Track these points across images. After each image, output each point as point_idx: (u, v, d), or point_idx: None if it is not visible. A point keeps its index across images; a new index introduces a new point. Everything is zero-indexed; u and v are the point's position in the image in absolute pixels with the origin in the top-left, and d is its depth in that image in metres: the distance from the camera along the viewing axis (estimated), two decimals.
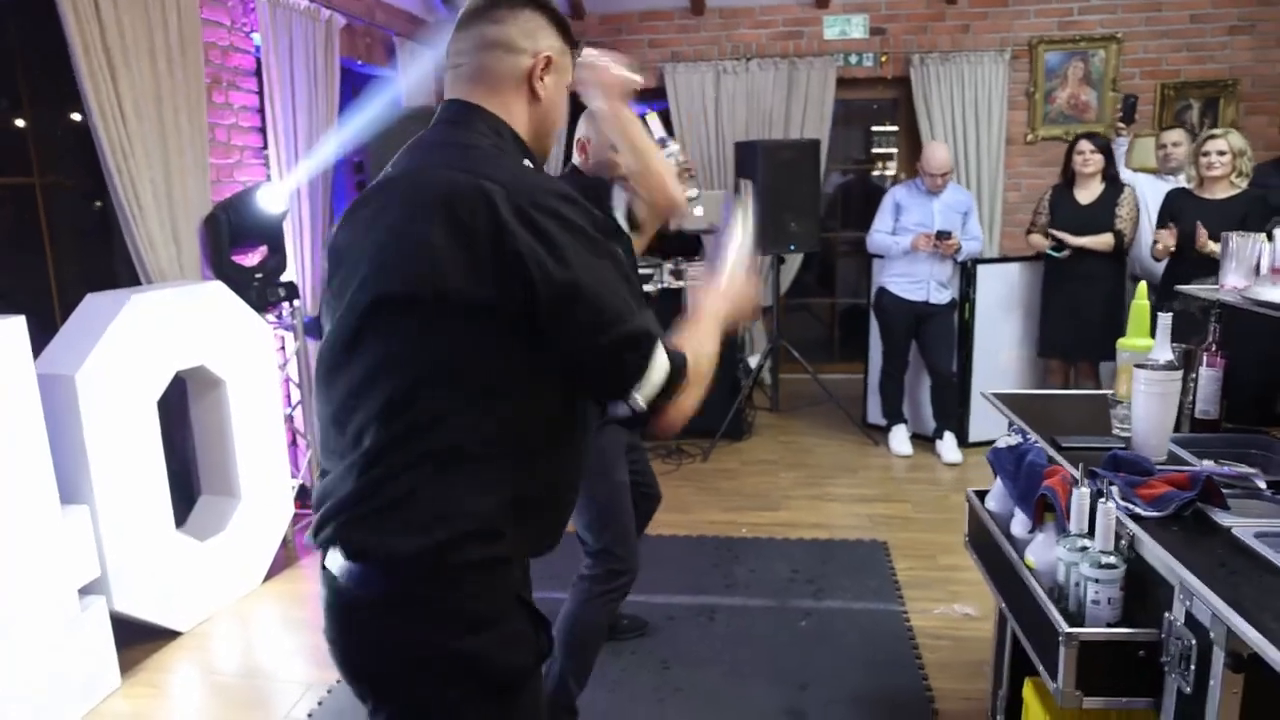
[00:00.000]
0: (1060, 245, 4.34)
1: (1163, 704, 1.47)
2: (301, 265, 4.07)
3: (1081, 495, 1.62)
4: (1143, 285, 2.38)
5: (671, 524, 3.81)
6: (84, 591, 2.62)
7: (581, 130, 2.34)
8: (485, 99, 1.28)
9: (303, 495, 3.82)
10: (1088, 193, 4.36)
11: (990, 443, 4.98)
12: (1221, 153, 3.75)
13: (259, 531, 3.36)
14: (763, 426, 5.23)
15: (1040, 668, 1.62)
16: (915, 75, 5.55)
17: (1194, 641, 1.37)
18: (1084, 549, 1.60)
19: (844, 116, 5.99)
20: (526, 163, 1.28)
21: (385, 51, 5.14)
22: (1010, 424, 2.15)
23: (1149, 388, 1.88)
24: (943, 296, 4.54)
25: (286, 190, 3.74)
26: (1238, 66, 5.41)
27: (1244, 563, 1.44)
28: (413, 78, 5.24)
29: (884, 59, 5.64)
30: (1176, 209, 3.90)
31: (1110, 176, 4.35)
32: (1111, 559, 1.55)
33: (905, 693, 2.60)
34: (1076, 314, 4.32)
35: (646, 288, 4.72)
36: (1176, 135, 4.39)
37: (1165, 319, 2.15)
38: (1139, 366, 1.90)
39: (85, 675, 2.61)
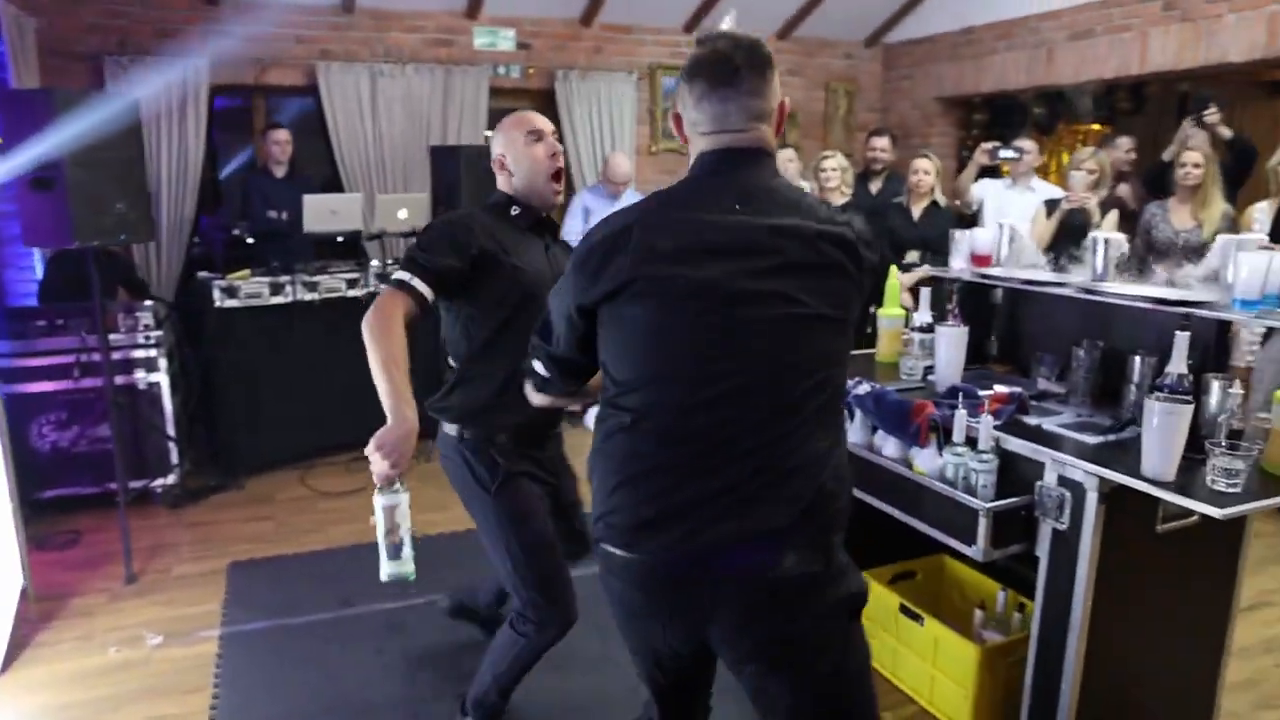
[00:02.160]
0: None
1: (1038, 543, 2.19)
2: None
3: (961, 415, 2.28)
4: (894, 268, 3.20)
5: (450, 522, 3.89)
6: None
7: (498, 146, 2.21)
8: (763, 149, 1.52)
9: None
10: None
11: None
12: (834, 169, 4.91)
13: None
14: None
15: (953, 541, 2.25)
16: (559, 89, 6.10)
17: (1068, 493, 2.09)
18: (963, 452, 2.26)
19: None
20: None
21: None
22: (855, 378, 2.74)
23: (948, 340, 2.64)
24: None
25: None
26: (795, 101, 6.91)
27: (1068, 443, 2.20)
28: (20, 53, 4.37)
29: (531, 71, 6.09)
30: None
31: None
32: (989, 455, 2.23)
33: None
34: None
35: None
36: (789, 153, 5.55)
37: (926, 292, 2.96)
38: (941, 325, 2.65)
39: None
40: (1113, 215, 4.57)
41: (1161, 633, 2.27)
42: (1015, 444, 2.22)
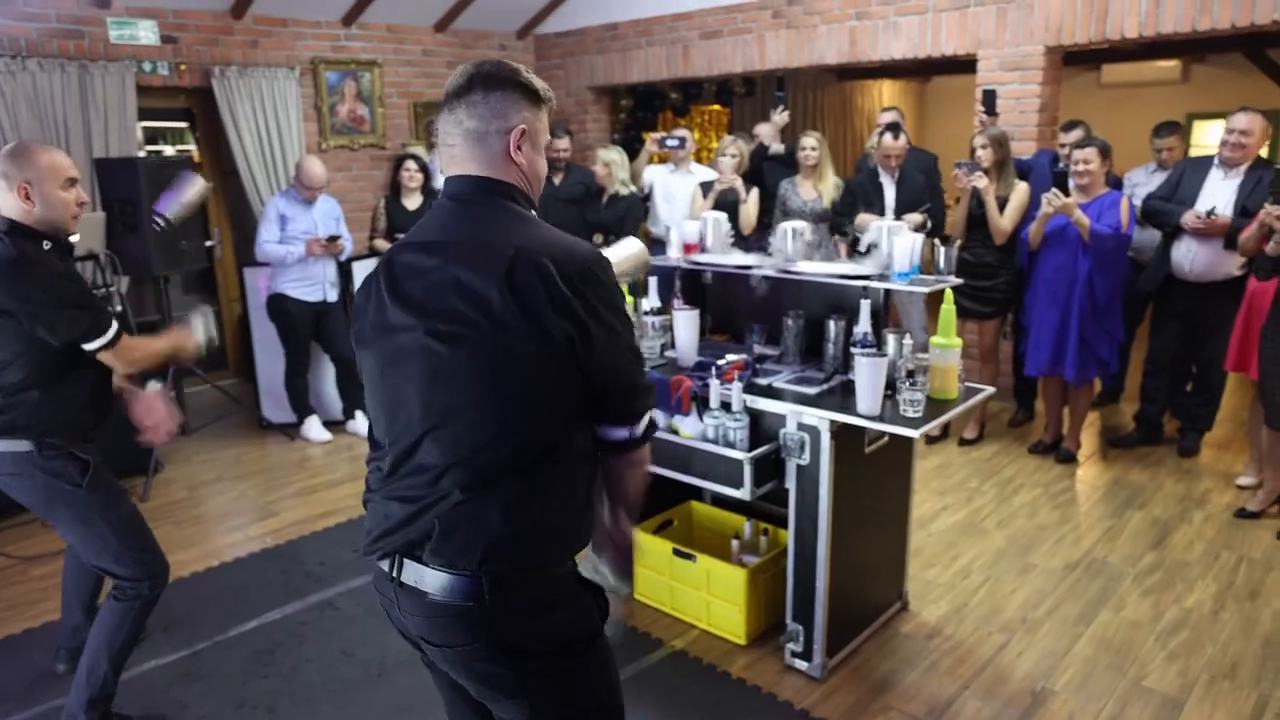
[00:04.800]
0: None
1: (785, 476, 2.76)
2: None
3: (716, 385, 2.78)
4: None
5: (200, 559, 3.70)
6: None
7: (26, 172, 2.30)
8: (487, 171, 1.48)
9: None
10: (413, 201, 5.46)
11: None
12: None
13: None
14: (177, 451, 4.98)
15: (721, 487, 2.75)
16: (217, 86, 5.70)
17: (805, 435, 2.68)
18: (720, 415, 2.77)
19: None
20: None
21: None
22: None
23: (685, 321, 3.13)
24: (335, 294, 5.10)
25: None
26: None
27: (796, 395, 2.80)
28: None
29: (182, 68, 5.62)
30: None
31: (428, 190, 5.51)
32: (742, 414, 2.76)
33: None
34: None
35: None
36: None
37: (653, 280, 3.43)
38: (678, 310, 3.13)
39: None
40: (755, 192, 5.43)
41: (873, 525, 2.99)
42: (762, 403, 2.77)
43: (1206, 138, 8.79)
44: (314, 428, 5.18)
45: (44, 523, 4.10)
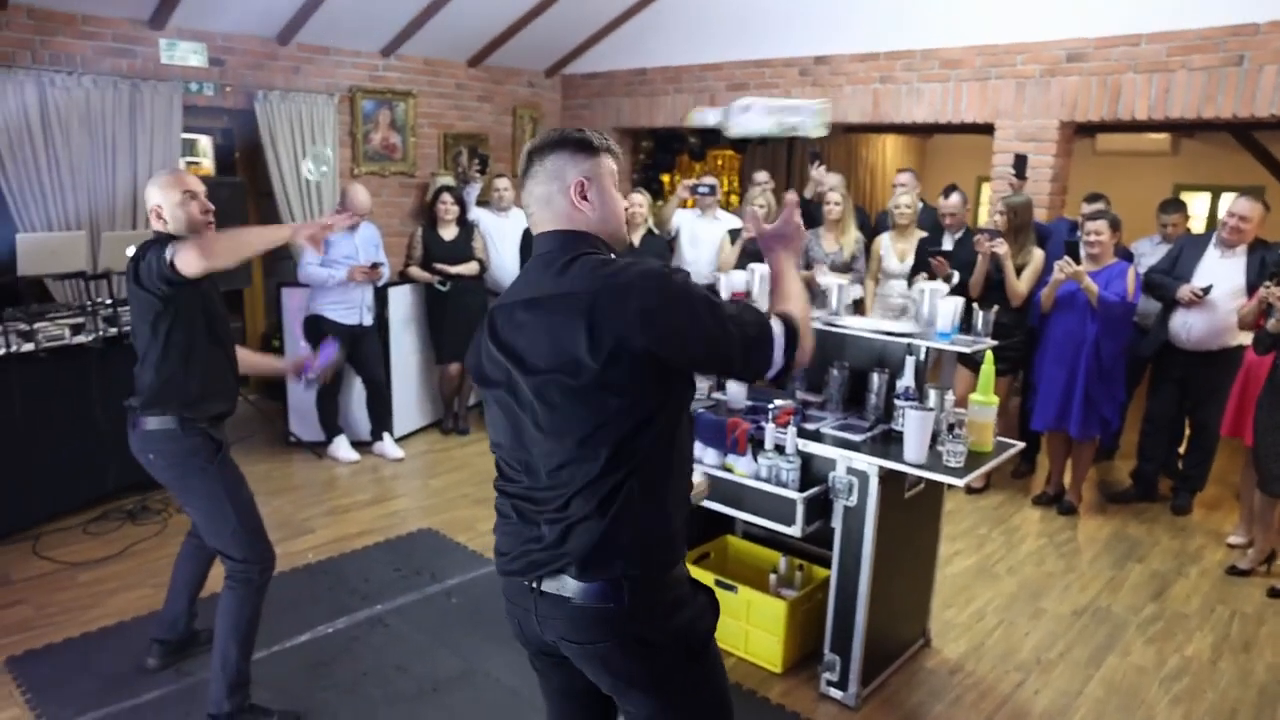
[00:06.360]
0: (445, 280, 5.54)
1: (833, 516, 2.96)
2: None
3: (772, 429, 2.98)
4: None
5: None
6: None
7: (155, 198, 2.63)
8: (561, 225, 1.67)
9: None
10: (449, 232, 5.65)
11: (411, 434, 5.90)
12: None
13: None
14: None
15: (772, 524, 2.93)
16: (259, 108, 5.88)
17: (855, 479, 2.88)
18: (774, 456, 2.97)
19: None
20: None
21: None
22: None
23: None
24: (370, 318, 5.25)
25: None
26: (485, 125, 7.31)
27: (842, 441, 3.01)
28: None
29: (227, 89, 5.79)
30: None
31: (462, 221, 5.71)
32: (794, 457, 2.96)
33: None
34: (470, 325, 5.58)
35: None
36: (504, 183, 5.96)
37: None
38: None
39: None
40: None
41: (906, 565, 3.19)
42: (814, 447, 2.97)
43: (1191, 208, 9.20)
44: (342, 447, 5.31)
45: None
